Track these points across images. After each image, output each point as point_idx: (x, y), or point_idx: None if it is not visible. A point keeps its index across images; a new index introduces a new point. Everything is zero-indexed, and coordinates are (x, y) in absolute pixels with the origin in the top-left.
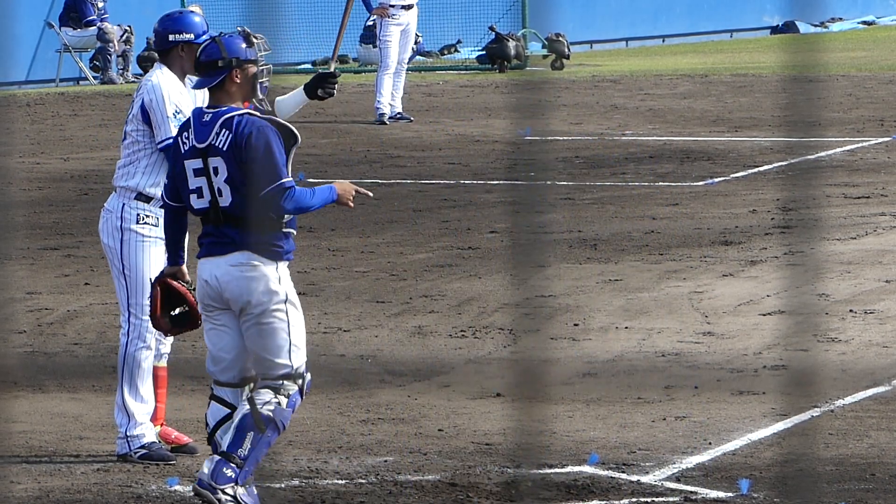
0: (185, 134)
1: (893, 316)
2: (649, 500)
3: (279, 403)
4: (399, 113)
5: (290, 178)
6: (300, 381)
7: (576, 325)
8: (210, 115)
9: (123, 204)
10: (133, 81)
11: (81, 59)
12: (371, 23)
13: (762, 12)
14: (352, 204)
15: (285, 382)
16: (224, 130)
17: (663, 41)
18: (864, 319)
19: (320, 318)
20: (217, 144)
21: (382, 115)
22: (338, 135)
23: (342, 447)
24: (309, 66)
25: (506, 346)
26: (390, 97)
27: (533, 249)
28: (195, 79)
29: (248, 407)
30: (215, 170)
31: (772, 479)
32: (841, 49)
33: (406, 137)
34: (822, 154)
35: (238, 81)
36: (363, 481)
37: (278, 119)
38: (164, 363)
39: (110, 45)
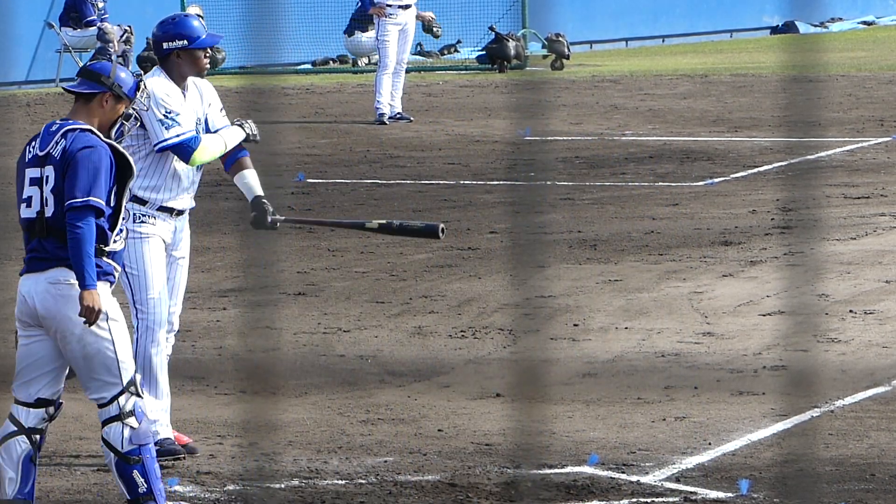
0: (34, 143)
1: (893, 316)
2: (649, 500)
3: (132, 427)
4: (399, 113)
5: (102, 202)
6: (133, 388)
7: (576, 325)
8: (58, 125)
9: None
10: None
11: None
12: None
13: (762, 12)
14: (87, 318)
15: (120, 401)
16: (62, 140)
17: (663, 41)
18: (864, 320)
19: (320, 318)
20: (53, 153)
21: (382, 115)
22: (338, 135)
23: (342, 447)
24: (309, 65)
25: (506, 347)
26: (390, 97)
27: (533, 250)
28: (197, 80)
29: (112, 455)
30: (46, 178)
31: (772, 479)
32: (841, 49)
33: (406, 137)
34: (822, 154)
35: (104, 107)
36: (363, 481)
37: (120, 148)
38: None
39: (110, 45)
